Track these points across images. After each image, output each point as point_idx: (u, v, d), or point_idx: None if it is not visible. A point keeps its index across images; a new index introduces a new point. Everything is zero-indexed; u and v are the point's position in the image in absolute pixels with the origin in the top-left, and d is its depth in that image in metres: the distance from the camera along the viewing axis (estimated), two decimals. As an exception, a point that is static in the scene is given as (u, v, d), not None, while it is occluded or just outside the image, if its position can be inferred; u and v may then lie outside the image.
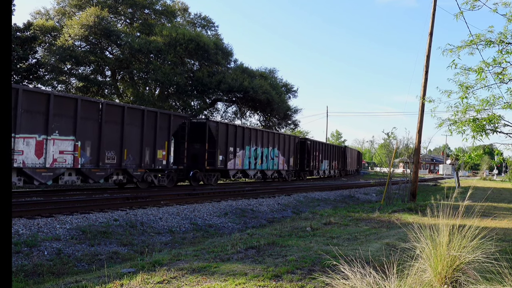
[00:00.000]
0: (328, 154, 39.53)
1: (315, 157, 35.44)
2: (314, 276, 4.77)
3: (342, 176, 45.04)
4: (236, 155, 23.79)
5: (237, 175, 24.96)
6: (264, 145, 27.02)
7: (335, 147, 44.11)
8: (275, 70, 43.17)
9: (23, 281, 6.12)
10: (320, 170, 37.43)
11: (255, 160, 25.83)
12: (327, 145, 40.51)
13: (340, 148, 46.19)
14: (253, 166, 25.72)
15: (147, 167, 17.63)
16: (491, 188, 29.83)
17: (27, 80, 28.24)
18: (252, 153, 25.54)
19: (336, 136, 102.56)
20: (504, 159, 9.55)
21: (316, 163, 35.80)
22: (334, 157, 41.82)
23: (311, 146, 34.73)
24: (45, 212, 10.69)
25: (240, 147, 24.28)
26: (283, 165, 29.80)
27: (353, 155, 53.15)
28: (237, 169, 24.24)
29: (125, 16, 36.95)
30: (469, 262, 4.21)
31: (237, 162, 24.01)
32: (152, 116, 18.08)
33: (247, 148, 24.95)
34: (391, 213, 12.76)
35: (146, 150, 17.47)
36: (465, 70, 8.65)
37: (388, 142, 20.80)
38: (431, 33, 16.43)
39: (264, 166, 27.14)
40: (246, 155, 24.93)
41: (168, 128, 18.90)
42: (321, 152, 37.19)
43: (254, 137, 25.79)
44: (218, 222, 12.70)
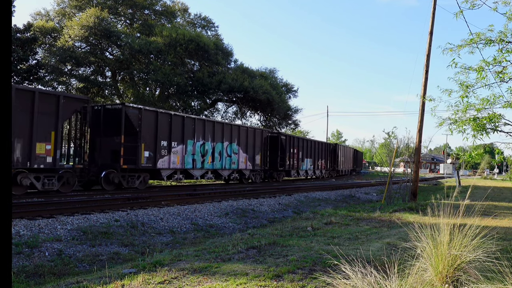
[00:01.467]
0: (311, 152, 34.98)
1: (292, 155, 30.78)
2: (315, 276, 4.77)
3: (332, 177, 41.02)
4: (171, 151, 19.29)
5: (176, 176, 20.17)
6: (217, 139, 22.32)
7: (321, 144, 38.85)
8: (275, 70, 43.28)
9: (24, 282, 6.13)
10: (301, 170, 32.80)
11: (202, 158, 21.27)
12: (310, 142, 35.83)
13: (328, 145, 41.12)
14: (200, 165, 21.08)
15: (18, 166, 13.58)
16: (492, 187, 29.84)
17: (28, 81, 28.27)
18: (198, 149, 21.02)
19: (336, 136, 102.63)
20: (504, 158, 9.55)
21: (294, 162, 31.12)
22: (321, 155, 37.34)
23: (286, 142, 29.93)
24: (46, 213, 10.69)
25: (179, 141, 19.73)
26: (245, 163, 24.79)
27: (347, 153, 48.62)
28: (175, 169, 19.66)
29: (125, 17, 37.01)
30: (470, 261, 4.21)
31: (173, 159, 19.41)
32: (27, 96, 13.68)
33: (189, 142, 20.40)
34: (392, 212, 12.76)
35: (15, 143, 13.34)
36: (466, 69, 8.65)
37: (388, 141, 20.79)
38: (431, 32, 16.42)
39: (217, 164, 22.42)
40: (189, 151, 20.34)
41: (56, 113, 14.58)
42: (301, 149, 32.58)
43: (200, 129, 21.19)
44: (219, 222, 12.70)
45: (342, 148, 45.85)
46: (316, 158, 36.25)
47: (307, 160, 33.91)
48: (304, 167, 33.27)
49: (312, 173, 35.57)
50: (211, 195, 17.20)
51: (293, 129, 49.09)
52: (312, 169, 35.28)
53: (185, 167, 20.26)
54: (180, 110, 35.41)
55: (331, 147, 41.54)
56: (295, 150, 31.18)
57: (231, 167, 23.58)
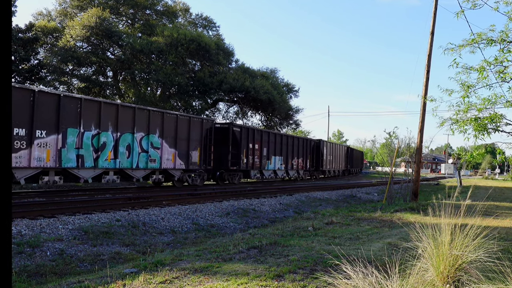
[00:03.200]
0: (283, 149, 29.47)
1: (252, 152, 25.17)
2: (316, 276, 4.77)
3: (316, 179, 35.99)
4: (33, 142, 13.24)
5: (48, 178, 14.04)
6: (124, 128, 16.53)
7: (298, 139, 33.17)
8: (276, 70, 43.28)
9: (26, 282, 6.14)
10: (266, 170, 27.29)
11: (96, 153, 15.42)
12: (280, 137, 29.87)
13: (309, 141, 35.35)
14: (90, 163, 15.24)
15: None
16: (493, 187, 29.80)
17: (29, 81, 28.31)
18: (89, 141, 15.20)
19: (338, 136, 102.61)
20: (506, 158, 9.53)
21: (254, 160, 25.50)
22: (297, 153, 31.93)
23: (242, 136, 24.13)
24: (47, 212, 10.71)
25: (50, 130, 13.83)
26: (173, 161, 19.13)
27: (338, 152, 42.64)
28: (42, 168, 13.65)
29: (126, 17, 37.04)
30: (471, 262, 4.21)
31: (38, 155, 13.40)
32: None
33: (70, 132, 14.56)
34: (393, 212, 12.76)
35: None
36: (467, 69, 8.65)
37: (389, 141, 20.78)
38: (432, 32, 16.40)
39: (124, 162, 16.47)
40: (69, 143, 14.50)
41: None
42: (267, 145, 27.05)
43: (91, 114, 15.29)
44: (220, 222, 12.71)
45: (329, 145, 39.97)
46: (290, 156, 30.78)
47: (275, 158, 28.51)
48: (270, 167, 27.79)
49: (284, 173, 30.21)
50: (212, 195, 17.23)
51: (294, 129, 49.08)
52: (284, 169, 29.82)
53: (63, 165, 14.31)
54: (181, 110, 35.44)
55: (312, 143, 35.98)
56: (256, 146, 25.68)
57: (148, 166, 17.66)
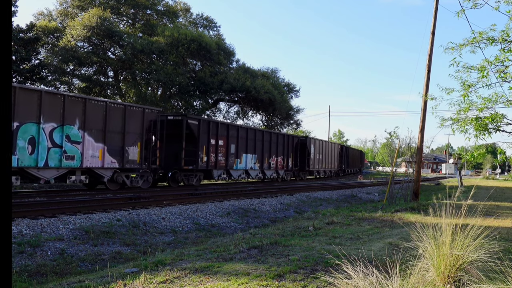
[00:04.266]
0: (257, 146, 26.02)
1: (213, 149, 21.82)
2: (317, 276, 4.77)
3: (302, 180, 33.16)
4: None
5: None
6: (27, 117, 13.41)
7: (277, 136, 29.61)
8: (277, 70, 43.30)
9: (27, 281, 6.15)
10: (235, 170, 24.01)
11: None
12: (253, 132, 26.20)
13: (291, 138, 31.76)
14: None
15: None
16: (494, 187, 29.76)
17: (30, 81, 28.34)
18: None
19: (338, 136, 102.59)
20: (506, 158, 9.52)
21: (219, 158, 22.23)
22: (276, 151, 28.59)
23: (201, 130, 20.85)
24: (48, 212, 10.72)
25: None
26: (102, 159, 15.72)
27: (329, 150, 38.93)
28: None
29: (127, 17, 37.07)
30: (472, 262, 4.21)
31: None
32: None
33: None
34: (393, 212, 12.75)
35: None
36: (467, 68, 8.64)
37: (390, 141, 20.75)
38: (433, 32, 16.38)
39: (25, 160, 13.36)
40: None
41: None
42: (235, 141, 23.79)
43: None
44: (221, 222, 12.71)
45: (318, 143, 36.12)
46: (267, 154, 27.37)
47: (247, 156, 25.04)
48: (240, 166, 24.42)
49: (259, 174, 26.90)
50: (213, 195, 17.23)
51: (295, 129, 49.05)
52: (259, 168, 26.58)
53: None
54: (182, 110, 35.46)
55: (296, 140, 32.35)
56: (221, 142, 22.41)
57: (62, 165, 14.50)
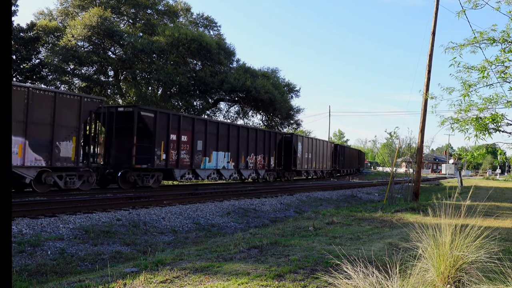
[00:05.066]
0: (232, 143, 23.60)
1: (174, 145, 19.41)
2: (317, 276, 4.77)
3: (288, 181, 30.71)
4: None
5: None
6: None
7: (256, 132, 26.70)
8: (277, 70, 43.33)
9: (27, 281, 6.15)
10: (201, 169, 21.46)
11: None
12: (225, 126, 23.49)
13: (273, 135, 28.88)
14: None
15: None
16: (494, 188, 29.76)
17: (31, 80, 28.35)
18: None
19: (339, 136, 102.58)
20: (506, 158, 9.52)
21: (178, 156, 19.71)
22: (255, 149, 26.04)
23: (157, 124, 18.32)
24: (48, 212, 10.72)
25: None
26: (21, 156, 13.35)
27: (322, 150, 36.51)
28: None
29: (127, 17, 37.07)
30: (472, 262, 4.21)
31: None
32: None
33: None
34: (393, 212, 12.74)
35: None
36: (468, 68, 8.65)
37: (390, 141, 20.75)
38: (433, 32, 16.38)
39: None
40: None
41: None
42: (203, 137, 21.31)
43: None
44: (221, 222, 12.71)
45: (306, 141, 33.38)
46: (244, 152, 24.99)
47: (218, 154, 22.65)
48: (210, 165, 21.99)
49: (233, 174, 24.54)
50: (213, 195, 17.23)
51: (295, 129, 49.05)
52: (234, 168, 24.11)
53: None
54: (182, 110, 35.47)
55: (279, 138, 29.66)
56: (184, 137, 20.05)
57: None
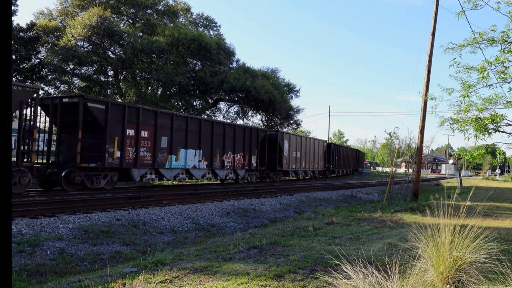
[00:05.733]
0: (204, 140, 21.58)
1: (131, 142, 17.21)
2: (316, 276, 4.77)
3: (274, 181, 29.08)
4: None
5: None
6: None
7: (234, 128, 24.60)
8: (277, 70, 43.31)
9: (26, 281, 6.14)
10: (166, 169, 19.40)
11: None
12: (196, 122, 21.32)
13: (254, 132, 26.69)
14: None
15: None
16: (494, 188, 29.77)
17: (30, 80, 28.33)
18: None
19: (338, 136, 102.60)
20: (506, 158, 9.53)
21: (137, 154, 17.48)
22: (233, 147, 24.00)
23: (108, 117, 16.12)
24: (48, 211, 10.71)
25: None
26: None
27: (313, 149, 34.76)
28: None
29: (127, 16, 37.04)
30: (472, 262, 4.21)
31: None
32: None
33: None
34: (393, 212, 12.74)
35: None
36: (468, 69, 8.65)
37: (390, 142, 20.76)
38: (433, 32, 16.38)
39: None
40: None
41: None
42: (168, 132, 19.27)
43: None
44: (220, 222, 12.71)
45: (294, 139, 31.37)
46: (219, 150, 22.90)
47: (188, 152, 20.47)
48: (177, 164, 19.88)
49: (207, 173, 22.37)
50: (213, 195, 17.23)
51: (294, 129, 49.06)
52: (207, 167, 21.96)
53: None
54: (182, 110, 35.46)
55: (262, 135, 27.33)
56: (144, 133, 17.80)
57: None
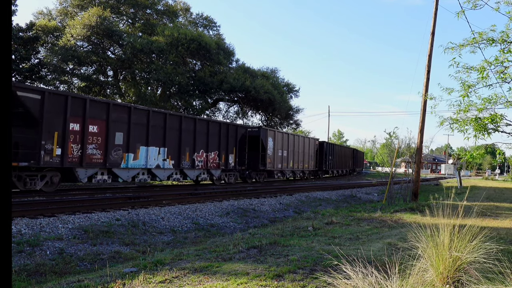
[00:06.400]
0: (170, 136, 19.14)
1: (76, 137, 15.04)
2: (316, 276, 4.76)
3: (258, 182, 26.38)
4: None
5: None
6: None
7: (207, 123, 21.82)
8: (277, 70, 43.31)
9: (26, 281, 6.14)
10: (122, 169, 16.94)
11: None
12: (160, 116, 18.78)
13: (235, 128, 24.19)
14: None
15: None
16: (493, 188, 29.79)
17: (30, 80, 28.30)
18: None
19: (338, 136, 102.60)
20: (505, 158, 9.53)
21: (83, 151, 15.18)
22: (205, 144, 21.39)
23: (45, 108, 13.75)
24: (47, 211, 10.71)
25: None
26: None
27: (302, 147, 32.47)
28: None
29: (127, 16, 37.03)
30: (471, 262, 4.21)
31: None
32: None
33: None
34: (393, 212, 12.75)
35: None
36: (467, 69, 8.65)
37: (390, 141, 20.77)
38: (433, 32, 16.39)
39: None
40: None
41: None
42: (125, 128, 16.92)
43: None
44: (220, 222, 12.71)
45: (280, 137, 28.95)
46: (189, 147, 20.38)
47: (148, 149, 18.03)
48: (136, 163, 17.52)
49: (173, 173, 19.82)
50: (212, 195, 17.22)
51: (294, 129, 49.06)
52: (173, 167, 19.48)
53: None
54: (181, 110, 35.45)
55: (242, 132, 24.74)
56: (93, 128, 15.68)
57: None
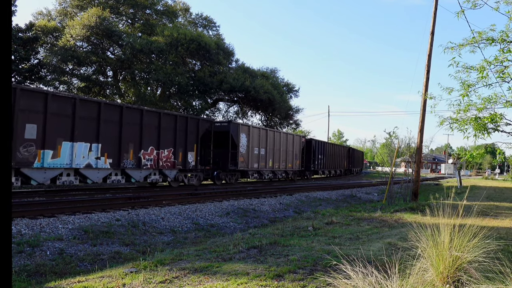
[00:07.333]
0: (110, 131, 16.26)
1: None
2: (316, 276, 4.77)
3: (223, 183, 23.98)
4: None
5: None
6: None
7: (156, 116, 18.57)
8: (276, 70, 43.30)
9: (26, 281, 6.14)
10: (37, 170, 13.72)
11: None
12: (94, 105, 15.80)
13: (196, 123, 21.02)
14: None
15: None
16: (493, 188, 29.80)
17: (29, 80, 28.29)
18: None
19: (338, 136, 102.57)
20: (505, 158, 9.54)
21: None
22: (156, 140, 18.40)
23: None
24: (47, 212, 10.71)
25: None
26: None
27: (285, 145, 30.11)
28: None
29: (126, 17, 37.01)
30: (471, 262, 4.21)
31: None
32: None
33: None
34: (393, 212, 12.75)
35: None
36: (467, 68, 8.65)
37: (389, 141, 20.76)
38: (432, 32, 16.40)
39: None
40: None
41: None
42: (40, 118, 13.70)
43: None
44: (220, 222, 12.70)
45: (257, 133, 26.09)
46: (134, 144, 17.40)
47: (73, 145, 14.92)
48: (56, 162, 14.40)
49: (111, 174, 16.63)
50: (212, 195, 17.22)
51: (294, 129, 49.06)
52: (111, 166, 16.45)
53: None
54: (181, 110, 35.45)
55: (206, 126, 21.76)
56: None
57: None
